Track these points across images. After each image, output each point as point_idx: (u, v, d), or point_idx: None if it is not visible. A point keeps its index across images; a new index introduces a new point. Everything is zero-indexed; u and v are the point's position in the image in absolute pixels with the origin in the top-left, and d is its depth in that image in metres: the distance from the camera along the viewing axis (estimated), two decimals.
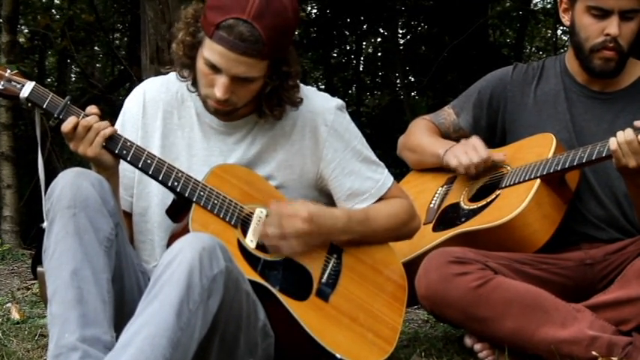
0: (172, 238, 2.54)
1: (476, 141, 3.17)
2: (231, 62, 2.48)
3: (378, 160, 2.85)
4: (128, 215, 2.75)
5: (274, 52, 2.52)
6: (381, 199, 2.80)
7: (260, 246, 2.60)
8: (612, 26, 2.96)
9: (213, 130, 2.74)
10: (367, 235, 2.75)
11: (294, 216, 2.59)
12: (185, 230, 2.50)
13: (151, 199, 2.72)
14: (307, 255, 2.66)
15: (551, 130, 3.10)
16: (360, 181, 2.78)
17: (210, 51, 2.50)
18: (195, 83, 2.66)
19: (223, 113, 2.64)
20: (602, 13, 2.97)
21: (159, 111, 2.76)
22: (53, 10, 9.88)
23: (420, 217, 3.07)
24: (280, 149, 2.74)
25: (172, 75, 2.78)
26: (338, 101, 2.81)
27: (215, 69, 2.52)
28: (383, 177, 2.82)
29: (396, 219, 2.81)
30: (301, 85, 2.76)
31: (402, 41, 10.77)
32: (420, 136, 3.38)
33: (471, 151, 3.14)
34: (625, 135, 2.77)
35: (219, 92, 2.52)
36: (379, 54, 12.42)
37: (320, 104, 2.77)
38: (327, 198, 2.82)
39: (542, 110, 3.19)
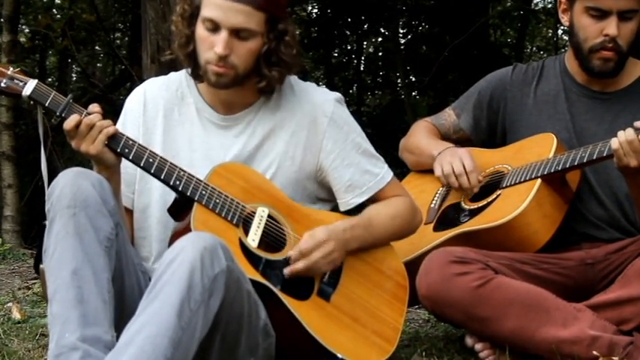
0: (174, 237, 2.55)
1: (465, 154, 3.16)
2: (229, 12, 2.54)
3: (377, 154, 2.86)
4: (130, 212, 2.77)
5: (269, 3, 2.57)
6: (380, 193, 2.81)
7: (261, 245, 2.60)
8: (611, 27, 2.96)
9: (213, 124, 2.75)
10: (373, 239, 2.76)
11: (316, 246, 2.61)
12: (187, 229, 2.50)
13: (152, 196, 2.73)
14: None
15: (551, 130, 3.10)
16: (360, 174, 2.78)
17: (208, 7, 2.57)
18: (193, 69, 2.69)
19: (225, 81, 2.63)
20: (600, 14, 2.97)
21: (159, 108, 2.78)
22: (54, 10, 9.88)
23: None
24: (280, 141, 2.75)
25: (172, 75, 2.83)
26: (337, 94, 2.83)
27: (214, 28, 2.57)
28: (383, 171, 2.83)
29: (399, 220, 2.81)
30: (300, 81, 2.80)
31: (402, 41, 10.76)
32: (419, 138, 3.38)
33: (456, 162, 3.13)
34: (626, 135, 2.77)
35: (219, 48, 2.56)
36: (380, 54, 12.41)
37: (319, 96, 2.79)
38: (326, 191, 2.83)
39: (543, 110, 3.19)
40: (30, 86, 2.51)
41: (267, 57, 2.65)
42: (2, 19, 6.70)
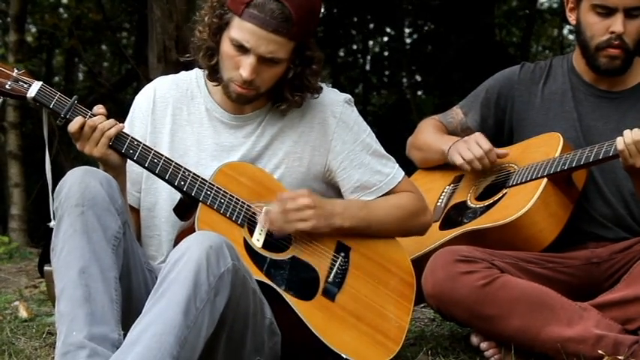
0: (179, 237, 2.55)
1: (478, 136, 3.18)
2: (261, 40, 2.52)
3: (387, 154, 2.86)
4: (135, 211, 2.77)
5: (302, 34, 2.56)
6: (390, 192, 2.80)
7: (266, 245, 2.61)
8: (617, 24, 2.96)
9: (224, 124, 2.75)
10: (371, 223, 2.75)
11: (295, 196, 2.62)
12: (192, 229, 2.50)
13: (159, 195, 2.74)
14: (314, 253, 2.67)
15: (558, 130, 3.10)
16: (370, 174, 2.78)
17: (240, 30, 2.53)
18: (212, 74, 2.68)
19: (245, 99, 2.65)
20: (606, 11, 2.97)
21: (168, 107, 2.78)
22: (61, 9, 9.90)
23: None
24: (288, 141, 2.75)
25: (182, 73, 2.83)
26: (346, 95, 2.83)
27: (242, 50, 2.55)
28: (393, 171, 2.83)
29: (401, 210, 2.80)
30: None
31: (408, 40, 10.78)
32: (426, 134, 3.39)
33: (473, 146, 3.14)
34: (633, 135, 2.77)
35: (245, 72, 2.55)
36: (386, 53, 12.41)
37: (328, 97, 2.79)
38: (334, 192, 2.83)
39: (550, 109, 3.19)
40: (34, 88, 2.51)
41: (291, 82, 2.66)
42: (9, 19, 6.73)
